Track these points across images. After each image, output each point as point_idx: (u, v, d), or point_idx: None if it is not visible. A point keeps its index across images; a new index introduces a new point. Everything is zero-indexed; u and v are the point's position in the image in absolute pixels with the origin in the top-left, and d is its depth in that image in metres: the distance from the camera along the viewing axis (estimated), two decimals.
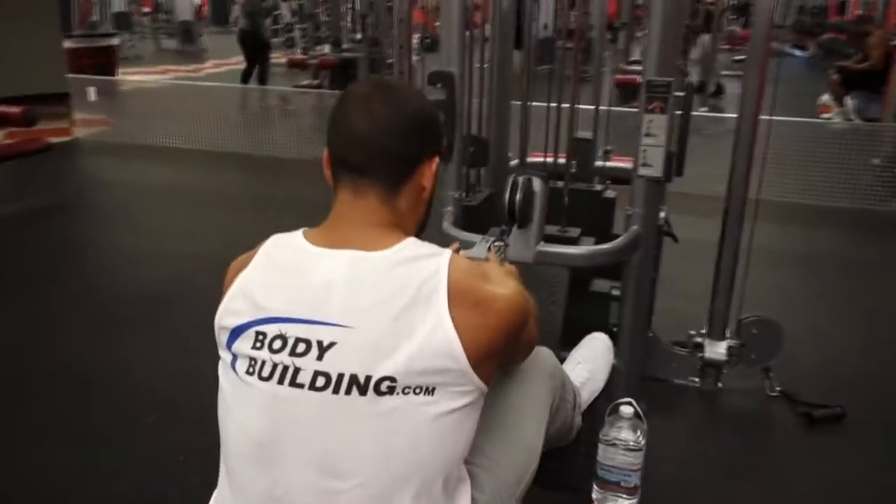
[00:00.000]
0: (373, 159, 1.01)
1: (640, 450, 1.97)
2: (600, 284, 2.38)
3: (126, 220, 4.63)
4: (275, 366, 0.93)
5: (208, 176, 5.72)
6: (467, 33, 2.32)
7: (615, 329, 2.44)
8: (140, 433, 2.30)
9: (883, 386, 2.69)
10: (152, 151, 6.28)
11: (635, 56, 7.98)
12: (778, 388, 2.55)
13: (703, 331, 2.60)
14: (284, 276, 0.98)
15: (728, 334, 2.57)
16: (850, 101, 7.74)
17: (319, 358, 0.90)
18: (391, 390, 0.89)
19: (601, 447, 1.49)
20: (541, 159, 2.65)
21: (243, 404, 0.96)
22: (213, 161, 6.09)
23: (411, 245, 0.98)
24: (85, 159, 6.28)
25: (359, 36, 7.84)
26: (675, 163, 2.18)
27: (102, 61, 8.65)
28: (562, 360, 1.54)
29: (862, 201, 4.92)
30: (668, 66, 2.10)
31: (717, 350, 2.55)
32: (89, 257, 3.95)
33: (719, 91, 9.05)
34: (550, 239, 2.13)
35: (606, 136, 3.16)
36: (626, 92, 7.35)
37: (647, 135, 2.15)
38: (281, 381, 0.92)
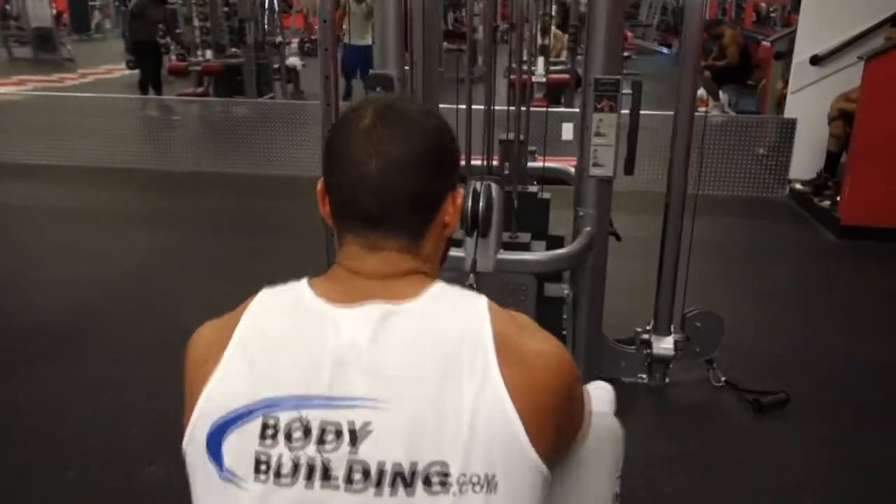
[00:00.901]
0: (389, 208, 0.80)
1: None
2: (553, 289, 2.34)
3: (7, 245, 4.17)
4: (296, 464, 0.71)
5: (93, 193, 5.26)
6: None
7: (564, 332, 2.41)
8: (63, 492, 2.04)
9: (814, 369, 2.81)
10: (21, 170, 5.72)
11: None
12: (723, 378, 2.60)
13: (649, 327, 2.61)
14: (292, 344, 0.76)
15: (672, 329, 2.60)
16: (723, 96, 8.22)
17: (353, 445, 0.70)
18: (444, 485, 0.69)
19: None
20: (476, 163, 2.59)
21: None
22: (96, 177, 5.61)
23: (443, 291, 0.80)
24: None
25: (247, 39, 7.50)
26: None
27: None
28: None
29: (753, 190, 5.20)
30: (615, 64, 2.09)
31: (664, 345, 2.57)
32: None
33: None
34: (505, 246, 2.07)
35: (527, 137, 3.14)
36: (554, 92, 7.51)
37: (598, 134, 2.13)
38: (309, 481, 0.71)
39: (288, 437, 0.72)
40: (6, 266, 3.79)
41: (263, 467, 0.72)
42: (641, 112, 2.12)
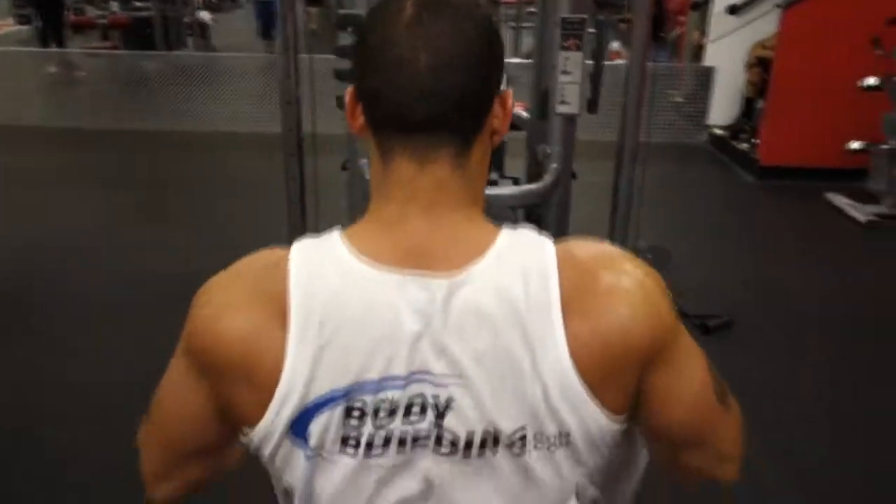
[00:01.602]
0: (441, 110, 0.70)
1: None
2: None
3: None
4: (387, 438, 0.72)
5: None
6: None
7: None
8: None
9: (746, 293, 3.04)
10: None
11: None
12: None
13: None
14: (364, 324, 0.71)
15: None
16: None
17: (438, 418, 0.72)
18: (523, 447, 0.72)
19: None
20: None
21: (348, 487, 0.74)
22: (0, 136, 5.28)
23: (507, 247, 0.74)
24: None
25: None
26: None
27: None
28: None
29: (674, 136, 5.44)
30: (581, 3, 2.14)
31: None
32: None
33: None
34: None
35: None
36: None
37: (564, 72, 2.18)
38: (401, 447, 0.72)
39: (375, 416, 0.71)
40: None
41: (353, 443, 0.72)
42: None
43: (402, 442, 0.72)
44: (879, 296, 3.07)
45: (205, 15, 8.88)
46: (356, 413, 0.71)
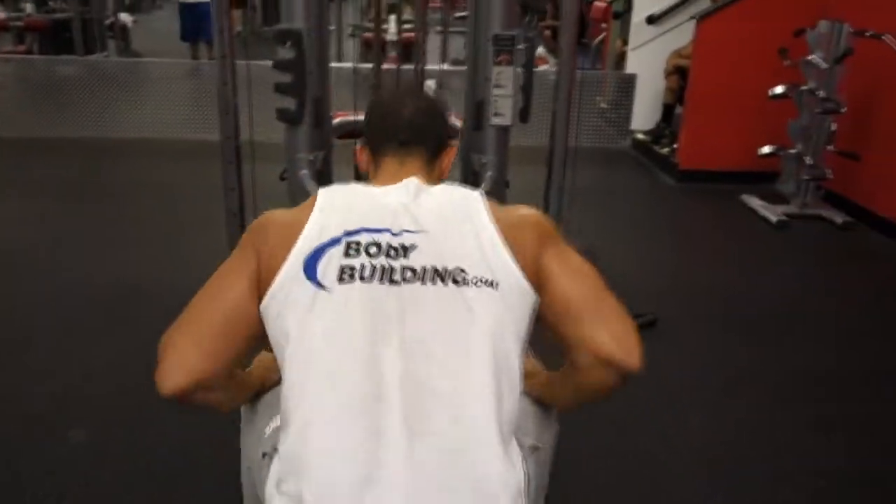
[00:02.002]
0: (417, 133, 1.27)
1: None
2: None
3: None
4: (374, 267, 1.04)
5: None
6: None
7: None
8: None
9: (668, 291, 3.21)
10: None
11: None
12: None
13: None
14: (361, 201, 1.14)
15: None
16: None
17: (406, 257, 1.05)
18: (464, 281, 1.04)
19: None
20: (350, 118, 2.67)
21: (341, 309, 1.02)
22: None
23: (451, 185, 1.22)
24: None
25: None
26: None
27: None
28: None
29: (599, 141, 5.63)
30: (512, 20, 2.24)
31: None
32: None
33: None
34: None
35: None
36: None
37: (497, 86, 2.28)
38: (381, 281, 1.03)
39: (367, 251, 1.05)
40: None
41: (348, 273, 1.04)
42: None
43: (383, 272, 1.04)
44: (787, 292, 3.29)
45: (126, 17, 8.63)
46: (353, 248, 1.05)
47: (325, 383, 0.98)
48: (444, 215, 1.12)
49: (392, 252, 1.06)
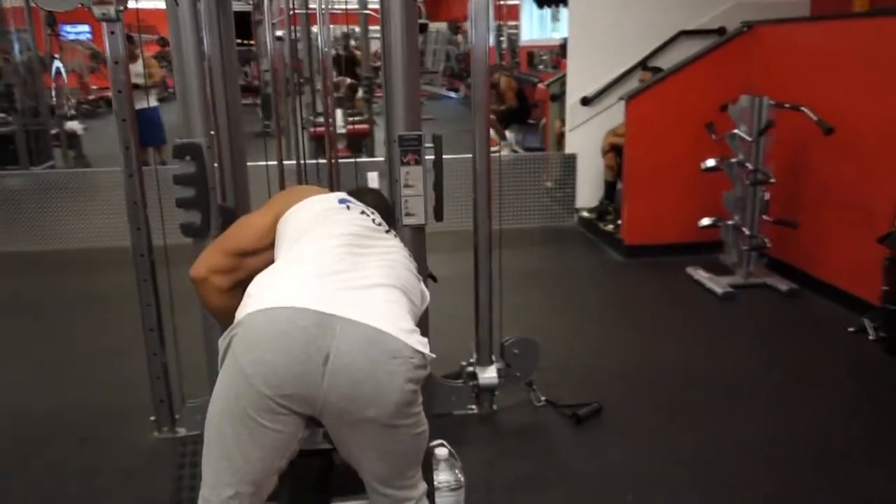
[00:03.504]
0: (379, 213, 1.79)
1: (461, 488, 2.04)
2: None
3: None
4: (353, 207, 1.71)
5: None
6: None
7: None
8: None
9: (617, 374, 3.13)
10: None
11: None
12: (543, 398, 2.81)
13: (473, 359, 2.76)
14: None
15: (494, 358, 2.77)
16: (509, 135, 8.86)
17: (363, 213, 1.71)
18: (389, 232, 1.71)
19: None
20: None
21: (337, 217, 1.64)
22: None
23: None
24: None
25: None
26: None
27: None
28: None
29: (546, 220, 5.65)
30: (415, 120, 2.23)
31: (489, 375, 2.74)
32: None
33: None
34: None
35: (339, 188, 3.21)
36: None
37: (406, 186, 2.25)
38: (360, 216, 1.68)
39: (348, 205, 1.71)
40: None
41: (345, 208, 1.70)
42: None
43: (359, 213, 1.70)
44: (737, 367, 3.23)
45: (75, 125, 8.62)
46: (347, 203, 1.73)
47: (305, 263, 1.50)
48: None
49: (367, 212, 1.74)
